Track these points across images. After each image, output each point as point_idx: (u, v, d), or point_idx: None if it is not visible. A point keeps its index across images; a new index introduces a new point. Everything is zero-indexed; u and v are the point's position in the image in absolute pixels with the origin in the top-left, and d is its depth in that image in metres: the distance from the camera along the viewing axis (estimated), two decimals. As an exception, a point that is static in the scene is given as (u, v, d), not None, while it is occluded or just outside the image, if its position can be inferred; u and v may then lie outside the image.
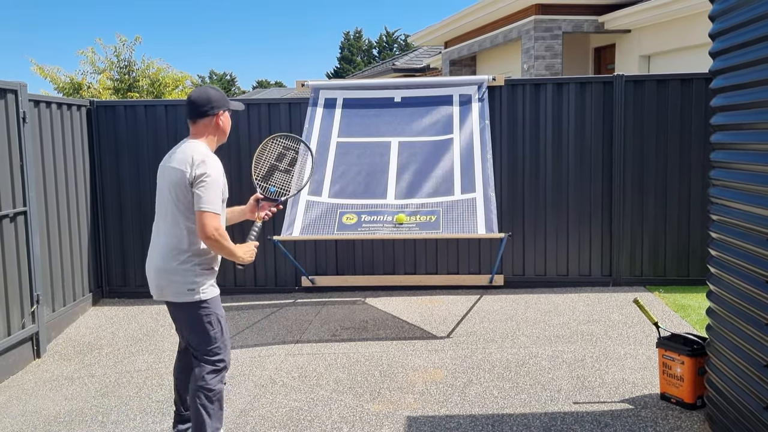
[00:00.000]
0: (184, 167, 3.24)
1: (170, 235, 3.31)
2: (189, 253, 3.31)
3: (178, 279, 3.30)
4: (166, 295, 3.36)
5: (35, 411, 4.40)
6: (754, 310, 3.13)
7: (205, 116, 3.38)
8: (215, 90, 3.46)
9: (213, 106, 3.38)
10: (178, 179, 3.26)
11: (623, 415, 3.98)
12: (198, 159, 3.25)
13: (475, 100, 6.51)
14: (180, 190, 3.26)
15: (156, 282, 3.38)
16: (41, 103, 5.89)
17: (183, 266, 3.30)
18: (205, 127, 3.40)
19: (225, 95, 3.48)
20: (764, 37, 2.99)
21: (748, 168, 3.22)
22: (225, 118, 3.46)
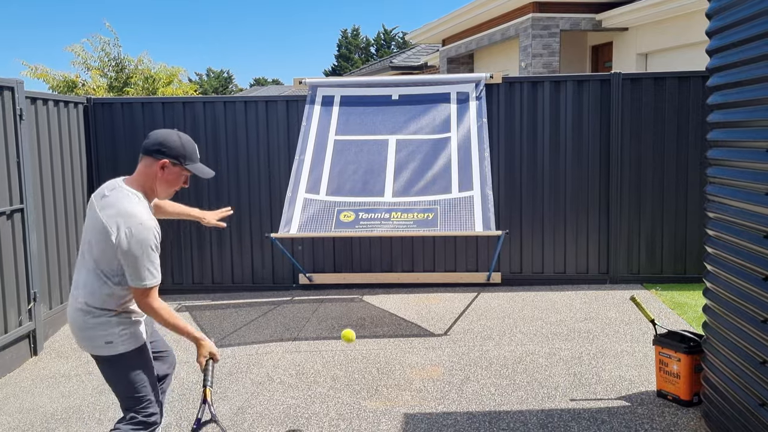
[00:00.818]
0: (111, 227, 2.76)
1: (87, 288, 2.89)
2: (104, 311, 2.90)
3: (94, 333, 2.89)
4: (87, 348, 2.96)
5: (32, 408, 4.40)
6: (751, 307, 3.14)
7: (148, 155, 2.89)
8: (179, 140, 2.92)
9: (161, 149, 2.86)
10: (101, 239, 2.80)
11: (620, 412, 3.99)
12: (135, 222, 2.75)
13: (473, 98, 6.51)
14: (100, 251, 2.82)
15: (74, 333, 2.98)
16: (38, 100, 5.88)
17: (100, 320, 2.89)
18: (146, 169, 2.89)
19: (193, 151, 2.96)
20: (760, 35, 2.99)
21: (744, 165, 3.23)
22: (170, 171, 2.90)
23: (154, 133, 2.93)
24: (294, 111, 7.04)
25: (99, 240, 2.81)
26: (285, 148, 7.04)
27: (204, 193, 7.07)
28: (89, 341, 2.91)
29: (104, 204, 2.84)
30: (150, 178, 2.90)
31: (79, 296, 2.91)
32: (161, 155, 2.87)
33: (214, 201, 7.06)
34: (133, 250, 2.74)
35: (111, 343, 2.89)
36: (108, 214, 2.79)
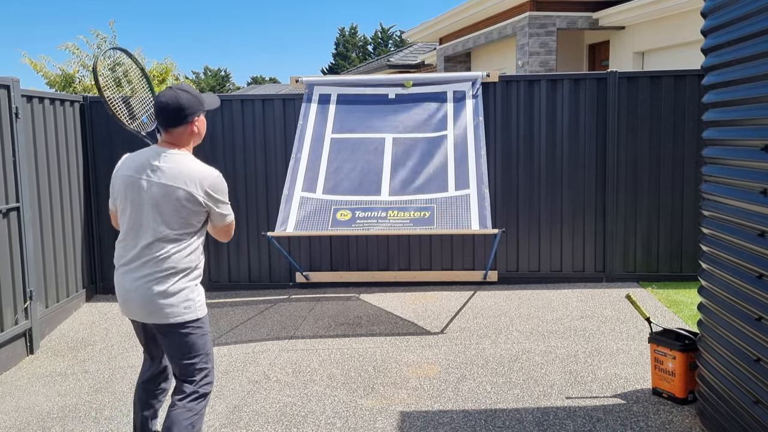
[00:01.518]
0: (195, 188, 2.99)
1: (162, 257, 3.02)
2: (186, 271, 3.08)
3: (173, 300, 3.04)
4: (160, 317, 3.06)
5: (28, 407, 4.40)
6: (746, 305, 3.15)
7: (180, 124, 3.06)
8: (186, 93, 3.08)
9: (186, 114, 3.05)
10: (187, 201, 3.00)
11: (615, 410, 4.00)
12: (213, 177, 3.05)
13: (469, 96, 6.52)
14: (187, 212, 3.01)
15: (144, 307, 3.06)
16: (34, 98, 5.87)
17: (179, 285, 3.05)
18: (180, 135, 3.08)
19: (198, 95, 3.14)
20: (755, 34, 3.00)
21: (739, 164, 3.24)
22: (201, 122, 3.15)
23: (164, 104, 3.03)
24: (291, 109, 7.04)
25: (181, 204, 2.99)
26: (282, 146, 7.04)
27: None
28: (168, 307, 3.03)
29: (166, 171, 3.01)
30: (186, 138, 3.12)
31: (159, 263, 3.02)
32: (191, 116, 3.08)
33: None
34: (219, 197, 3.07)
35: (189, 308, 3.08)
36: (179, 177, 3.00)
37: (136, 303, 3.06)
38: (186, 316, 3.07)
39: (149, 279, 3.02)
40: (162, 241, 3.02)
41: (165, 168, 3.01)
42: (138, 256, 3.04)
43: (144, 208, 3.02)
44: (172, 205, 3.00)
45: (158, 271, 3.02)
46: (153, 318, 3.06)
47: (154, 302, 3.02)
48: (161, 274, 3.02)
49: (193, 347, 3.12)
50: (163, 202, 3.00)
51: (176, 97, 3.04)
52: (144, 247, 3.03)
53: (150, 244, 3.02)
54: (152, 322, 3.09)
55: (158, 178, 3.00)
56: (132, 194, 3.04)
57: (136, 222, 3.04)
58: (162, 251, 3.02)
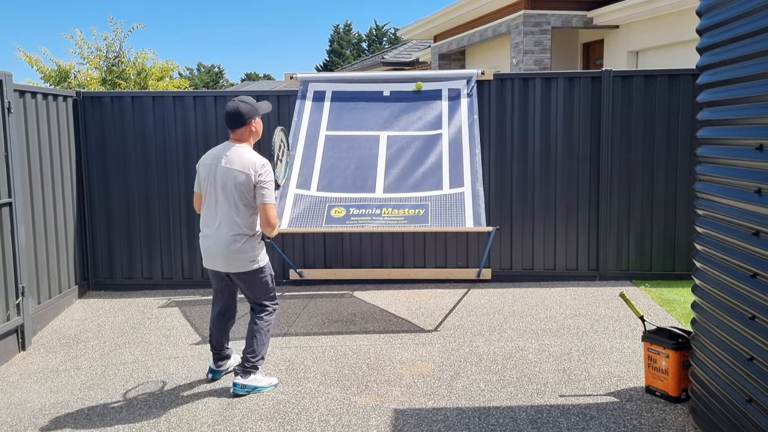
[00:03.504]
0: (248, 171, 4.13)
1: (232, 223, 4.17)
2: (250, 234, 4.21)
3: (243, 255, 4.21)
4: (235, 268, 4.25)
5: (20, 404, 4.38)
6: (739, 304, 3.16)
7: (241, 126, 4.22)
8: (245, 104, 4.23)
9: (245, 118, 4.21)
10: (243, 181, 4.12)
11: (608, 408, 4.01)
12: (259, 164, 4.16)
13: (464, 95, 6.51)
14: (244, 189, 4.13)
15: (223, 260, 4.23)
16: (27, 93, 5.83)
17: (246, 245, 4.20)
18: (242, 133, 4.25)
19: (254, 103, 4.29)
20: (751, 33, 3.01)
21: (734, 163, 3.25)
22: (257, 123, 4.31)
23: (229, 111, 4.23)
24: (285, 106, 7.02)
25: (239, 183, 4.13)
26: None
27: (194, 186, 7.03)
28: (240, 261, 4.23)
29: (231, 159, 4.18)
30: (246, 135, 4.29)
31: (231, 228, 4.18)
32: (248, 119, 4.24)
33: (204, 196, 7.03)
34: (265, 181, 4.17)
35: (255, 260, 4.27)
36: (240, 162, 4.16)
37: (218, 257, 4.25)
38: (254, 266, 4.27)
39: (226, 239, 4.18)
40: (231, 211, 4.16)
41: (233, 156, 4.19)
42: (216, 221, 4.23)
43: (218, 186, 4.19)
44: (233, 184, 4.14)
45: (231, 234, 4.17)
46: (230, 267, 4.26)
47: (231, 256, 4.21)
48: (233, 235, 4.17)
49: (262, 285, 4.38)
50: (229, 181, 4.15)
51: (237, 106, 4.22)
52: (220, 215, 4.20)
53: (224, 213, 4.18)
54: (230, 271, 4.29)
55: (225, 163, 4.18)
56: (210, 177, 4.24)
57: (213, 197, 4.22)
58: (232, 219, 4.17)
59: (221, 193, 4.18)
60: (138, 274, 7.17)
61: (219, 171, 4.19)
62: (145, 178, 7.05)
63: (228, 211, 4.17)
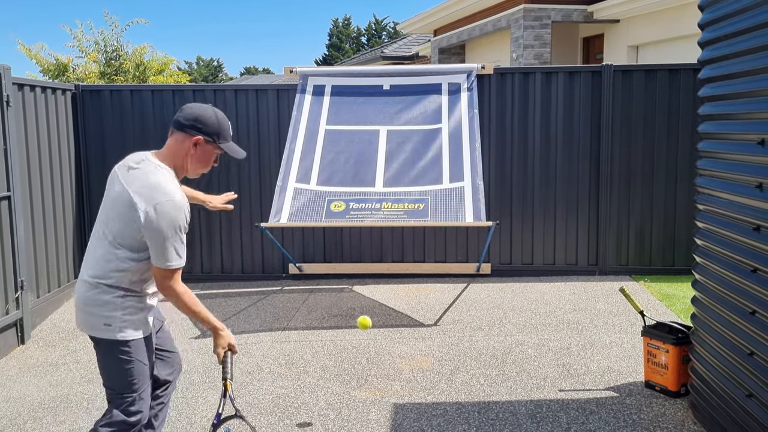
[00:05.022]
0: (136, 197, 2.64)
1: (96, 261, 2.74)
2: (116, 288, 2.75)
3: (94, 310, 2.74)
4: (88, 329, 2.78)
5: (19, 397, 4.37)
6: (739, 299, 3.15)
7: (180, 129, 2.76)
8: (216, 115, 2.82)
9: (196, 126, 2.74)
10: (128, 210, 2.65)
11: (608, 403, 4.01)
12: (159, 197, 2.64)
13: (464, 89, 6.50)
14: (124, 219, 2.66)
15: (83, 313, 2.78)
16: (25, 86, 5.81)
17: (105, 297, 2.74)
18: (176, 143, 2.77)
19: (227, 129, 2.86)
20: (753, 27, 2.99)
21: (735, 158, 3.24)
22: (202, 149, 2.78)
23: (188, 107, 2.79)
24: (285, 100, 7.00)
25: (122, 213, 2.65)
26: (275, 137, 7.00)
27: (193, 181, 7.03)
28: (89, 319, 2.73)
29: (132, 177, 2.69)
30: (181, 155, 2.77)
31: (90, 269, 2.73)
32: (196, 131, 2.74)
33: (202, 189, 7.00)
34: (161, 228, 2.61)
35: (109, 326, 2.70)
36: (136, 188, 2.65)
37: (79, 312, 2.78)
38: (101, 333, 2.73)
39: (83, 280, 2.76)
40: (109, 246, 2.71)
41: (135, 173, 2.71)
42: (88, 255, 2.80)
43: (107, 206, 2.77)
44: (123, 214, 2.67)
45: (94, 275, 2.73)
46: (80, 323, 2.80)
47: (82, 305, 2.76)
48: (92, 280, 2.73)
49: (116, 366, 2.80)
50: (119, 207, 2.69)
51: (203, 109, 2.80)
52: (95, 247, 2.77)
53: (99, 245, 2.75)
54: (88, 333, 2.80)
55: (126, 181, 2.70)
56: (108, 187, 2.81)
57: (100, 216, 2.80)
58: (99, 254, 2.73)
59: (103, 213, 2.79)
60: (137, 268, 7.15)
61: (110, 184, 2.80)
62: (145, 172, 7.03)
63: (102, 244, 2.74)
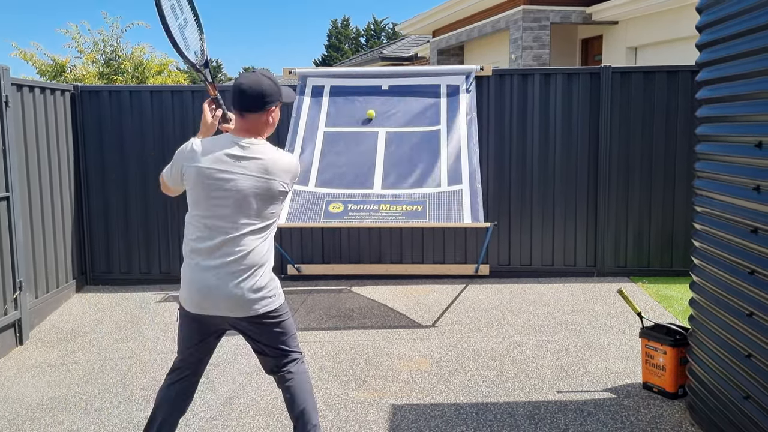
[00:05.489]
0: (283, 178, 2.93)
1: (242, 252, 2.92)
2: (268, 262, 3.04)
3: (265, 292, 2.99)
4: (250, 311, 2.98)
5: (18, 398, 4.37)
6: (737, 300, 3.16)
7: (256, 111, 2.94)
8: (269, 80, 2.97)
9: (266, 101, 2.93)
10: (273, 190, 2.92)
11: (606, 404, 4.01)
12: (294, 169, 3.01)
13: (463, 90, 6.50)
14: (270, 200, 2.93)
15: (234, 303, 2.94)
16: (24, 87, 5.81)
17: (268, 278, 3.02)
18: (255, 122, 2.96)
19: (279, 85, 3.02)
20: (751, 30, 3.00)
21: (732, 160, 3.25)
22: (276, 113, 3.05)
23: (247, 88, 2.92)
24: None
25: (261, 194, 2.90)
26: (274, 138, 6.93)
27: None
28: (259, 301, 2.97)
29: (251, 161, 2.90)
30: (261, 126, 3.00)
31: (243, 262, 2.91)
32: (270, 105, 2.96)
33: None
34: (292, 187, 3.06)
35: (274, 296, 3.04)
36: (266, 167, 2.91)
37: (220, 298, 2.93)
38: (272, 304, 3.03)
39: (235, 274, 2.91)
40: (247, 235, 2.92)
41: (251, 159, 2.90)
42: (217, 250, 2.91)
43: (227, 201, 2.88)
44: (261, 198, 2.90)
45: (243, 266, 2.92)
46: (242, 311, 2.97)
47: (244, 297, 2.93)
48: (245, 268, 2.93)
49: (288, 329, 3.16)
50: (252, 194, 2.89)
51: (259, 82, 2.93)
52: (225, 242, 2.91)
53: (233, 238, 2.91)
54: (241, 316, 2.99)
55: (245, 170, 2.88)
56: (209, 188, 2.89)
57: (215, 215, 2.91)
58: (245, 246, 2.92)
59: (234, 208, 2.91)
60: (136, 269, 7.16)
61: (231, 180, 2.90)
62: (143, 171, 7.03)
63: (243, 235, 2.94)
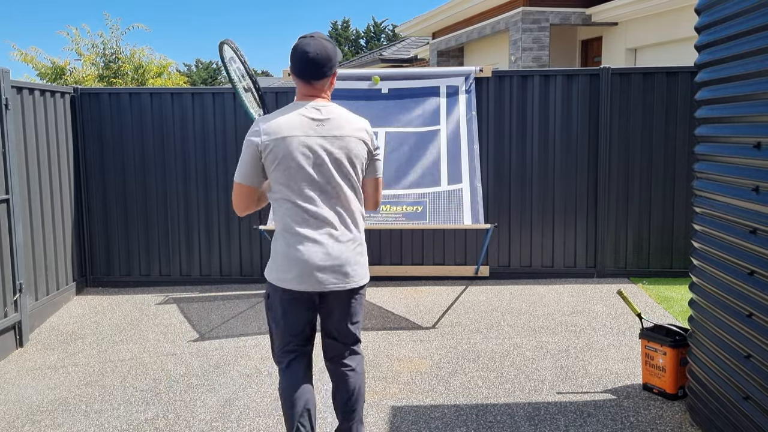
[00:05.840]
0: (364, 137, 2.88)
1: (348, 215, 2.87)
2: (361, 230, 2.96)
3: (362, 261, 2.92)
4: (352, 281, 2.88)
5: (18, 400, 4.37)
6: (736, 301, 3.16)
7: (327, 76, 2.87)
8: (329, 42, 2.88)
9: (332, 64, 2.86)
10: (360, 150, 2.86)
11: (606, 405, 4.01)
12: (370, 127, 2.95)
13: (462, 91, 6.51)
14: (359, 162, 2.88)
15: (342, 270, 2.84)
16: (24, 89, 5.82)
17: (362, 246, 2.94)
18: (323, 87, 2.90)
19: (333, 43, 2.93)
20: (750, 31, 3.00)
21: (732, 161, 3.25)
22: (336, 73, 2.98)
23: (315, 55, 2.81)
24: (283, 102, 6.98)
25: (356, 155, 2.85)
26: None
27: (192, 184, 7.03)
28: (358, 272, 2.90)
29: (335, 125, 2.84)
30: (327, 89, 2.94)
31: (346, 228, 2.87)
32: (335, 67, 2.91)
33: (202, 192, 7.03)
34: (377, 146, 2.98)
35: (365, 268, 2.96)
36: (351, 129, 2.86)
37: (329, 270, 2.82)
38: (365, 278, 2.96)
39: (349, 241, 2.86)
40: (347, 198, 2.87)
41: (333, 120, 2.84)
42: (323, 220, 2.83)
43: (322, 167, 2.81)
44: (357, 159, 2.87)
45: (355, 230, 2.89)
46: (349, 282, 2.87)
47: (353, 265, 2.86)
48: (357, 234, 2.89)
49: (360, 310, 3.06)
50: (352, 156, 2.85)
51: (324, 47, 2.82)
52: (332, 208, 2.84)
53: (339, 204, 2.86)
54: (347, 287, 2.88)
55: (331, 131, 2.82)
56: (303, 157, 2.79)
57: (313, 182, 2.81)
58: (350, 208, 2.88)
59: (328, 172, 2.82)
60: (136, 271, 7.16)
61: (321, 145, 2.80)
62: (143, 174, 7.04)
63: (339, 200, 2.86)
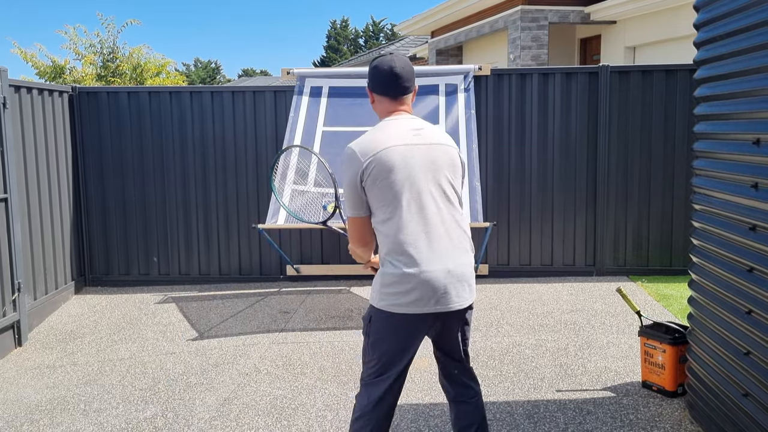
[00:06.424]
0: (456, 147, 2.78)
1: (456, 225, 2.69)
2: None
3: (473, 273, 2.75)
4: (469, 298, 2.72)
5: (16, 399, 4.37)
6: (735, 298, 3.16)
7: (411, 91, 2.79)
8: (407, 59, 2.84)
9: (415, 77, 2.83)
10: (456, 160, 2.74)
11: (605, 403, 4.01)
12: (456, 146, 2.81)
13: (461, 89, 6.51)
14: (457, 170, 2.75)
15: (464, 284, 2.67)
16: (22, 88, 5.81)
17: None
18: (407, 100, 2.80)
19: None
20: (748, 27, 3.00)
21: (730, 158, 3.25)
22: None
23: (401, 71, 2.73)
24: (282, 101, 7.00)
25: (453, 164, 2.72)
26: (273, 138, 7.00)
27: (191, 183, 7.03)
28: (472, 288, 2.74)
29: (429, 137, 2.70)
30: (410, 102, 2.84)
31: (461, 243, 2.69)
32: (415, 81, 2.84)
33: (200, 191, 7.02)
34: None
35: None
36: (442, 142, 2.73)
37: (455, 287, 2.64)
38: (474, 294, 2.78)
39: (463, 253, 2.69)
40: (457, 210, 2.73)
41: (427, 129, 2.74)
42: (443, 233, 2.65)
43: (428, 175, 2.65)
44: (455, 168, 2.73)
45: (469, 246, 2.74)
46: (470, 298, 2.72)
47: (470, 279, 2.71)
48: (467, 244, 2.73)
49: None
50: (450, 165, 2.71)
51: (406, 61, 2.78)
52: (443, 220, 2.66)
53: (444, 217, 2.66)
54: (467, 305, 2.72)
55: (428, 139, 2.69)
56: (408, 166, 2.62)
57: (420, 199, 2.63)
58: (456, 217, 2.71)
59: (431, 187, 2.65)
60: (135, 270, 7.16)
61: (420, 153, 2.64)
62: (142, 173, 7.03)
63: (454, 213, 2.70)
